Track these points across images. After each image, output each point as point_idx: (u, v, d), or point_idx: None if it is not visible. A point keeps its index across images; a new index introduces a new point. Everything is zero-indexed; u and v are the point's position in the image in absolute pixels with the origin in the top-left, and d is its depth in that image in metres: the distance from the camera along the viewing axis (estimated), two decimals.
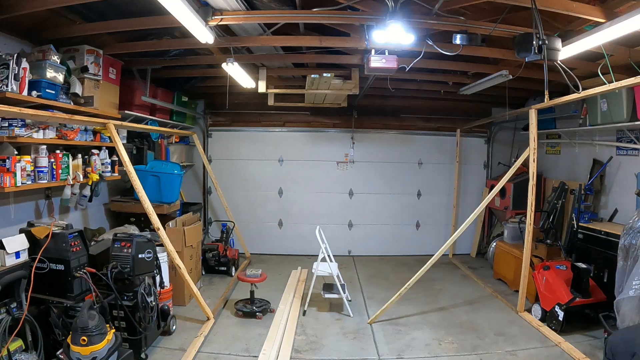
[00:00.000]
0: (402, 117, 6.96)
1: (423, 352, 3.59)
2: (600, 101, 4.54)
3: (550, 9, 2.92)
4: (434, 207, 7.03)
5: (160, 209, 4.78)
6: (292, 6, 3.37)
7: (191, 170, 6.93)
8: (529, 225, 4.28)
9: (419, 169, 6.99)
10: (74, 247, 3.10)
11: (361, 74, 5.00)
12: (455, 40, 3.38)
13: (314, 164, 6.86)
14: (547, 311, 4.01)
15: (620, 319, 3.27)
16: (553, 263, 4.31)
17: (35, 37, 3.47)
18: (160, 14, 3.09)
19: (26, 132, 3.21)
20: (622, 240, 3.46)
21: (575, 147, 5.48)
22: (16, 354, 2.60)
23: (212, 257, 5.64)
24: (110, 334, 2.76)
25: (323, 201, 6.87)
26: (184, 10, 2.78)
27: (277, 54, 4.63)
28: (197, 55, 4.50)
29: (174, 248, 3.86)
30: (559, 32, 3.37)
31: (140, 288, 3.29)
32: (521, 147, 6.53)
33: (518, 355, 3.51)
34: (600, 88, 3.39)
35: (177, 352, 3.44)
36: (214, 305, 4.49)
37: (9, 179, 3.03)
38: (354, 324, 4.15)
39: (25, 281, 2.78)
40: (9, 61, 2.91)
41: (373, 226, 6.97)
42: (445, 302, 4.80)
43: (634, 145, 4.44)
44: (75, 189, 3.85)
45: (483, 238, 7.01)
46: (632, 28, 2.75)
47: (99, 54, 3.84)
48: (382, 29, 3.16)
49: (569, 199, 5.33)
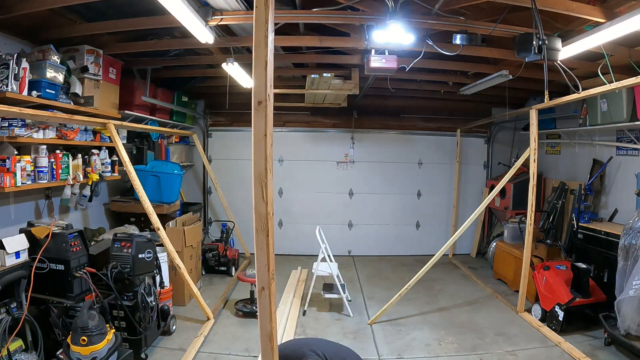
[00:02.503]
0: (402, 117, 6.96)
1: (423, 352, 3.59)
2: (600, 101, 4.54)
3: (550, 9, 2.91)
4: (434, 207, 7.03)
5: (160, 209, 4.78)
6: (292, 6, 3.37)
7: (191, 170, 6.93)
8: (529, 225, 4.28)
9: (419, 169, 6.99)
10: (74, 247, 3.10)
11: (361, 74, 5.00)
12: (455, 40, 3.38)
13: (314, 164, 6.86)
14: (547, 311, 4.01)
15: (620, 319, 3.28)
16: (553, 263, 4.31)
17: (35, 37, 3.46)
18: (160, 14, 3.09)
19: (26, 132, 3.21)
20: (622, 240, 3.46)
21: (575, 147, 5.48)
22: (16, 354, 2.60)
23: (212, 257, 5.64)
24: (110, 334, 2.77)
25: (323, 201, 6.87)
26: (184, 11, 2.78)
27: (277, 54, 4.63)
28: (197, 55, 4.50)
29: (174, 248, 3.86)
30: (559, 32, 3.37)
31: (140, 288, 3.29)
32: (521, 147, 6.53)
33: (518, 355, 3.51)
34: (600, 88, 3.39)
35: (177, 352, 3.44)
36: (214, 305, 4.49)
37: (9, 179, 3.03)
38: (354, 324, 4.15)
39: (25, 281, 2.78)
40: (9, 61, 2.91)
41: (373, 226, 6.97)
42: (445, 302, 4.80)
43: (634, 145, 4.44)
44: (75, 189, 3.85)
45: (483, 238, 7.01)
46: (632, 28, 2.75)
47: (99, 54, 3.84)
48: (382, 29, 3.16)
49: (569, 199, 5.33)
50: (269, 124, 1.69)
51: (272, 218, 1.80)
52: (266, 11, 1.67)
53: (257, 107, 1.68)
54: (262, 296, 1.87)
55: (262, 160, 1.71)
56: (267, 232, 1.80)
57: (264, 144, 1.69)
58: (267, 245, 1.81)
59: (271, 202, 1.78)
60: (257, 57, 1.69)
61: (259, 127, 1.69)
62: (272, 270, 1.86)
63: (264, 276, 1.84)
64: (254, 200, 1.79)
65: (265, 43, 1.68)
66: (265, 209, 1.77)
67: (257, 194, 1.77)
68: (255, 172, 1.74)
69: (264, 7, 1.66)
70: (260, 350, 1.97)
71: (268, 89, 1.69)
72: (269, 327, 1.91)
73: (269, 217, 1.78)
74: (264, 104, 1.68)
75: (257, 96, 1.69)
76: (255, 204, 1.79)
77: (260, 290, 1.86)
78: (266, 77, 1.68)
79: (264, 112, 1.67)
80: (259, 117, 1.68)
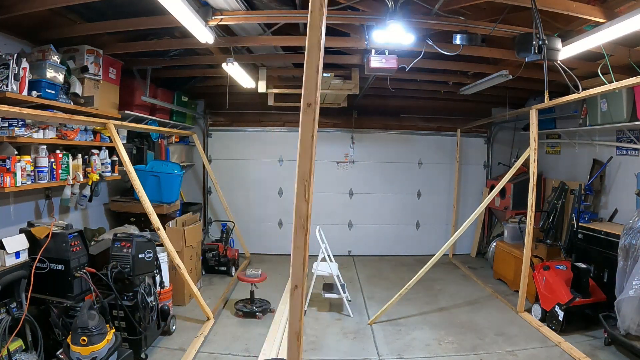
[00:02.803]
0: (402, 117, 6.96)
1: (423, 352, 3.59)
2: (600, 101, 4.54)
3: (550, 9, 2.92)
4: (434, 207, 7.03)
5: (160, 209, 4.78)
6: (292, 6, 3.37)
7: (191, 170, 6.93)
8: (529, 225, 4.28)
9: (419, 169, 6.99)
10: (74, 247, 3.10)
11: (361, 74, 5.00)
12: (455, 40, 3.38)
13: (314, 164, 6.84)
14: (547, 311, 4.01)
15: (620, 319, 3.28)
16: (553, 263, 4.31)
17: (35, 37, 3.46)
18: (160, 14, 3.09)
19: (26, 132, 3.21)
20: (622, 240, 3.46)
21: (575, 147, 5.48)
22: (16, 354, 2.60)
23: (212, 257, 5.64)
24: (110, 334, 2.77)
25: (323, 201, 6.86)
26: (184, 11, 2.78)
27: (277, 54, 4.63)
28: (197, 55, 4.50)
29: (174, 248, 3.86)
30: (559, 32, 3.37)
31: (140, 288, 3.29)
32: (521, 147, 6.53)
33: (518, 355, 3.51)
34: (600, 88, 3.39)
35: (177, 352, 3.44)
36: (214, 305, 4.49)
37: (9, 179, 3.03)
38: (354, 324, 4.15)
39: (25, 281, 2.78)
40: (9, 61, 2.91)
41: (373, 226, 6.97)
42: (445, 302, 4.80)
43: (634, 145, 4.44)
44: (75, 189, 3.85)
45: (483, 238, 7.01)
46: (632, 28, 2.75)
47: (99, 54, 3.84)
48: (382, 29, 3.16)
49: (569, 199, 5.33)
50: (315, 126, 1.74)
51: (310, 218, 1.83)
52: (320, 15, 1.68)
53: (306, 109, 1.72)
54: (295, 295, 1.89)
55: (307, 161, 1.76)
56: (307, 231, 1.81)
57: (311, 144, 1.74)
58: (304, 245, 1.82)
59: (311, 202, 1.81)
60: (309, 61, 1.72)
61: (307, 128, 1.73)
62: (307, 269, 1.89)
63: (299, 275, 1.86)
64: (295, 200, 1.81)
65: (318, 47, 1.71)
66: (306, 209, 1.79)
67: (299, 193, 1.78)
68: (299, 172, 1.78)
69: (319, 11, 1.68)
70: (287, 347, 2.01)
71: (317, 91, 1.72)
72: (298, 326, 1.93)
73: (309, 217, 1.80)
74: (312, 106, 1.72)
75: (306, 98, 1.72)
76: (297, 203, 1.80)
77: (294, 288, 1.88)
78: (317, 80, 1.71)
79: (312, 113, 1.72)
80: (307, 118, 1.73)
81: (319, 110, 1.77)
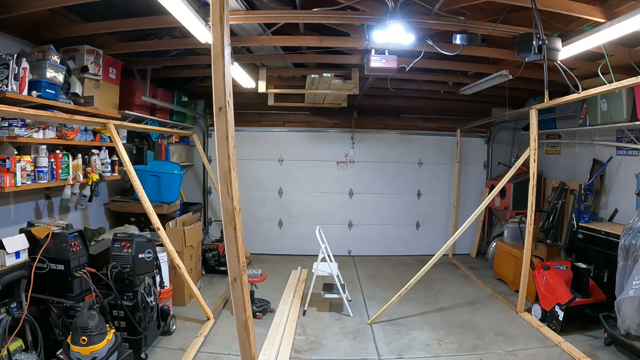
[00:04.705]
0: (402, 117, 6.96)
1: (423, 352, 3.59)
2: (600, 101, 4.54)
3: (550, 9, 2.92)
4: (434, 207, 7.03)
5: (160, 209, 4.79)
6: (292, 6, 3.37)
7: (191, 170, 6.93)
8: (529, 225, 4.28)
9: (419, 169, 6.99)
10: (74, 247, 3.10)
11: (361, 74, 5.00)
12: (455, 40, 3.38)
13: (314, 164, 6.86)
14: (547, 311, 4.01)
15: (620, 319, 3.28)
16: (553, 263, 4.31)
17: (35, 37, 3.46)
18: (160, 14, 3.09)
19: (26, 132, 3.21)
20: (622, 240, 3.46)
21: (575, 147, 5.48)
22: (16, 354, 2.60)
23: (212, 257, 5.64)
24: (110, 334, 2.77)
25: (323, 201, 6.87)
26: (184, 10, 2.79)
27: (277, 54, 4.63)
28: (197, 55, 4.50)
29: (174, 248, 3.86)
30: (559, 32, 3.36)
31: (140, 288, 3.29)
32: (521, 147, 6.53)
33: (518, 355, 3.51)
34: (600, 88, 3.39)
35: (177, 352, 3.44)
36: (214, 305, 4.49)
37: (9, 179, 3.02)
38: (354, 324, 4.15)
39: (25, 281, 2.78)
40: (9, 61, 2.91)
41: (373, 226, 6.97)
42: (445, 302, 4.80)
43: (634, 145, 4.44)
44: (75, 189, 3.85)
45: (483, 238, 7.01)
46: (632, 28, 2.76)
47: (99, 54, 3.84)
48: (382, 29, 3.16)
49: (569, 199, 5.34)
50: (230, 127, 1.88)
51: (238, 213, 1.96)
52: (222, 29, 1.83)
53: (218, 113, 1.86)
54: (235, 287, 1.98)
55: (225, 160, 1.89)
56: (235, 226, 1.94)
57: (227, 144, 1.87)
58: (235, 239, 1.94)
59: (237, 197, 1.94)
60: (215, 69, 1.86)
61: (221, 130, 1.87)
62: (243, 262, 1.99)
63: (235, 268, 1.96)
64: (220, 197, 1.94)
65: (222, 57, 1.84)
66: (231, 204, 1.92)
67: (223, 190, 1.92)
68: (220, 171, 1.91)
69: (219, 24, 1.82)
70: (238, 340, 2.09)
71: (227, 95, 1.86)
72: (243, 317, 2.02)
73: (235, 212, 1.93)
74: (224, 110, 1.86)
75: (217, 103, 1.87)
76: (222, 200, 1.94)
77: (233, 281, 1.97)
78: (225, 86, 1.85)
79: (224, 116, 1.86)
80: (220, 121, 1.87)
81: (232, 113, 1.89)
